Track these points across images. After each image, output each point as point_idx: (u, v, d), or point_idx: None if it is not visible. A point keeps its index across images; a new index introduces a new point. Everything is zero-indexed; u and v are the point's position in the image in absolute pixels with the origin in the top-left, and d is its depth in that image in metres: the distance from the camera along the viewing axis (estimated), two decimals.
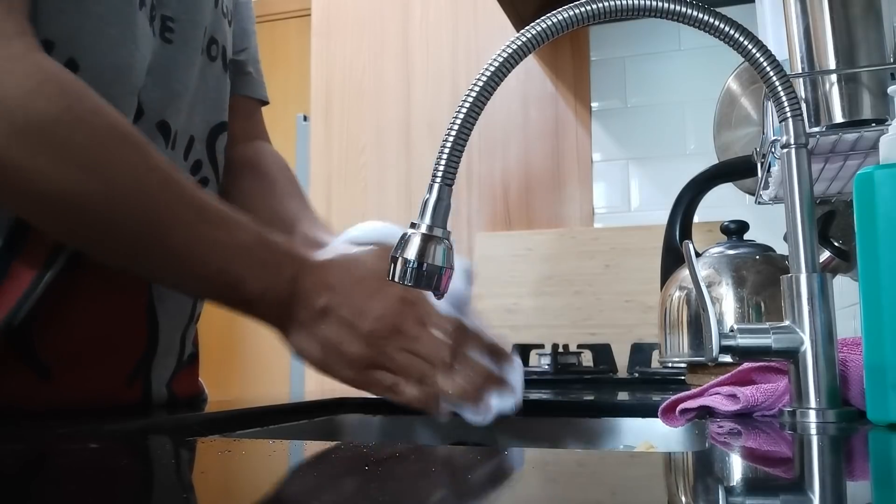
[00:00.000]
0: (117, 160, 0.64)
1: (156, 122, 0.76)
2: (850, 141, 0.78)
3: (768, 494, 0.36)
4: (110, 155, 0.64)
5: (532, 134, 1.79)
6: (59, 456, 0.49)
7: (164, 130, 0.77)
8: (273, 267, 0.70)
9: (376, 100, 1.89)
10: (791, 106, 0.60)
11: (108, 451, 0.51)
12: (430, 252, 0.57)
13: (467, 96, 0.58)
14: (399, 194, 1.85)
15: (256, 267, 0.69)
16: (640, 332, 1.49)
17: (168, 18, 0.77)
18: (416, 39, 1.89)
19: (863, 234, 0.53)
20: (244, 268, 0.69)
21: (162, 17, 0.77)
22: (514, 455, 0.51)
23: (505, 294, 1.66)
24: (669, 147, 1.69)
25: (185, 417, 0.73)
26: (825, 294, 0.58)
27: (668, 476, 0.41)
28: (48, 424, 0.64)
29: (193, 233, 0.67)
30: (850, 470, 0.44)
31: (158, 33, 0.76)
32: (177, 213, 0.66)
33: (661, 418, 0.66)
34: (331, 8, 1.95)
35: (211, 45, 0.83)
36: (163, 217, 0.66)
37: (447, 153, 0.57)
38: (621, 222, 1.69)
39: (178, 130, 0.78)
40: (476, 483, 0.41)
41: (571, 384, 1.19)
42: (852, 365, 0.58)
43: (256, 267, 0.69)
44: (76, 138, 0.62)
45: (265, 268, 0.69)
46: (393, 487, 0.39)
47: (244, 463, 0.46)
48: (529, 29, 0.58)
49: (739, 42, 0.60)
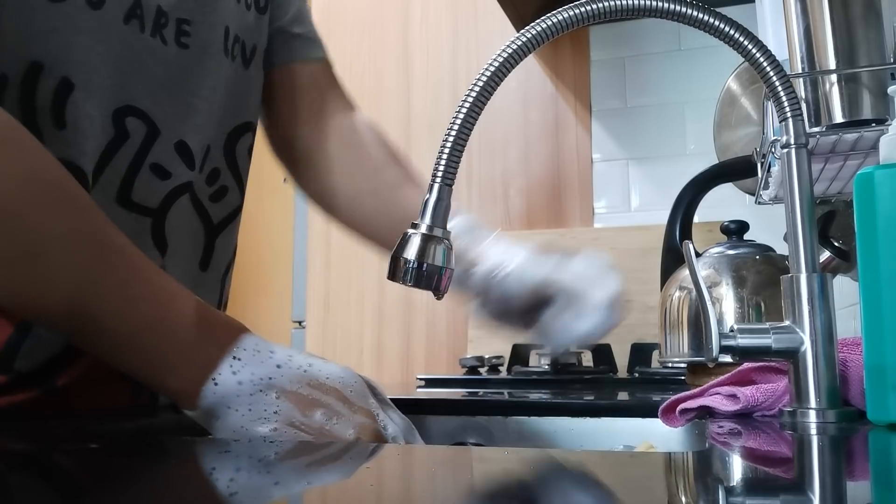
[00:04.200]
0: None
1: (174, 143, 0.73)
2: (850, 141, 0.78)
3: (768, 494, 0.36)
4: (25, 204, 0.57)
5: (532, 134, 1.79)
6: (59, 456, 0.49)
7: (184, 152, 0.75)
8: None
9: (376, 100, 1.89)
10: (791, 106, 0.60)
11: (108, 451, 0.51)
12: (430, 252, 0.57)
13: (467, 96, 0.58)
14: None
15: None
16: (640, 332, 1.49)
17: (183, 21, 0.74)
18: (416, 39, 1.89)
19: (863, 234, 0.53)
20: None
21: (177, 20, 0.74)
22: (514, 455, 0.51)
23: None
24: (669, 147, 1.69)
25: (186, 417, 0.72)
26: (825, 294, 0.58)
27: (668, 476, 0.41)
28: (48, 424, 0.64)
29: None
30: (850, 470, 0.44)
31: (173, 39, 0.73)
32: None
33: (661, 418, 0.66)
34: (331, 8, 1.95)
35: (234, 45, 0.80)
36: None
37: (447, 153, 0.57)
38: (621, 222, 1.69)
39: (195, 149, 0.76)
40: (476, 483, 0.41)
41: (571, 384, 1.19)
42: (852, 365, 0.58)
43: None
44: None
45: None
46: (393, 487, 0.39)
47: (244, 463, 0.46)
48: (529, 29, 0.58)
49: (739, 42, 0.60)
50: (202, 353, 0.60)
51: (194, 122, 0.76)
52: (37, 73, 0.65)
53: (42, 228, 0.58)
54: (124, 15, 0.69)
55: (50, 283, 0.58)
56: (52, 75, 0.65)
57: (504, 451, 0.55)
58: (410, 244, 0.57)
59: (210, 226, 0.81)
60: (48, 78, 0.65)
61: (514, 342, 1.39)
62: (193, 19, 0.75)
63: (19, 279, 0.58)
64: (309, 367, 0.61)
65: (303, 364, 0.61)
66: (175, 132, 0.74)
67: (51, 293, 0.58)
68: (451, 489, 0.39)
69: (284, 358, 0.61)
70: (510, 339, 1.44)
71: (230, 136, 0.82)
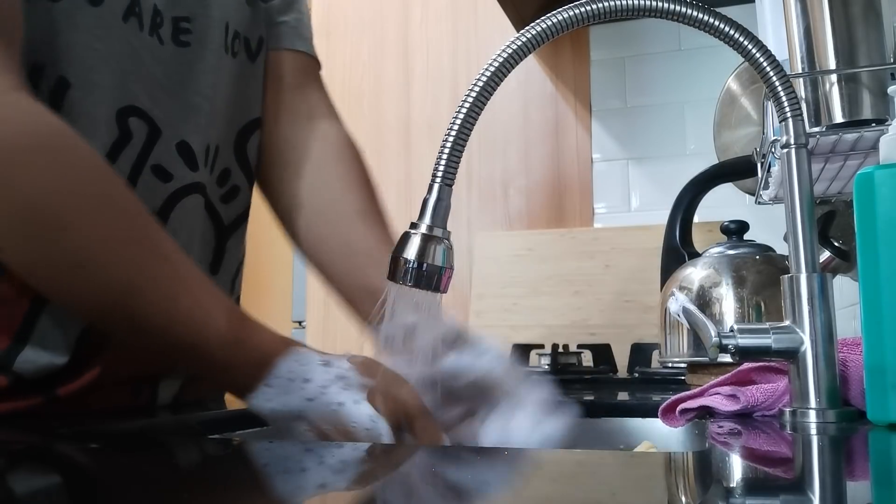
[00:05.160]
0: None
1: (175, 143, 0.73)
2: (850, 141, 0.78)
3: (768, 494, 0.36)
4: (73, 213, 0.58)
5: (532, 134, 1.79)
6: (59, 456, 0.49)
7: (186, 153, 0.74)
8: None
9: (376, 100, 1.89)
10: (791, 106, 0.60)
11: (108, 451, 0.51)
12: (430, 252, 0.57)
13: (467, 96, 0.58)
14: (399, 194, 1.85)
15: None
16: (640, 332, 1.49)
17: (181, 19, 0.73)
18: (416, 39, 1.89)
19: (863, 234, 0.53)
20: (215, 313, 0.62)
21: (173, 19, 0.73)
22: (514, 455, 0.51)
23: (504, 294, 1.66)
24: (669, 147, 1.69)
25: (186, 418, 0.72)
26: (825, 294, 0.58)
27: (668, 476, 0.41)
28: (48, 424, 0.64)
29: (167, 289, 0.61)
30: (850, 470, 0.43)
31: (170, 38, 0.72)
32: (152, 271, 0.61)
33: (661, 418, 0.66)
34: (331, 8, 1.95)
35: (234, 41, 0.78)
36: (133, 275, 0.60)
37: (447, 153, 0.57)
38: (621, 222, 1.69)
39: (198, 149, 0.75)
40: (476, 483, 0.41)
41: (571, 384, 1.19)
42: (852, 365, 0.58)
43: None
44: (41, 194, 0.57)
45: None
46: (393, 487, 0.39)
47: (244, 463, 0.46)
48: (529, 29, 0.58)
49: (739, 42, 0.60)
50: (237, 378, 0.61)
51: (196, 122, 0.75)
52: (39, 73, 0.65)
53: (91, 236, 0.58)
54: (123, 12, 0.68)
55: (97, 290, 0.59)
56: (49, 74, 0.65)
57: (504, 451, 0.55)
58: (410, 244, 0.57)
59: (221, 227, 0.80)
60: (46, 77, 0.65)
61: (513, 342, 1.39)
62: (191, 16, 0.74)
63: (67, 286, 0.59)
64: (339, 407, 0.60)
65: (333, 401, 0.60)
66: (177, 132, 0.73)
67: (98, 300, 0.59)
68: (451, 489, 0.39)
69: (317, 390, 0.60)
70: (510, 339, 1.44)
71: (240, 133, 0.81)
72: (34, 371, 0.67)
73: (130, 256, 0.60)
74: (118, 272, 0.59)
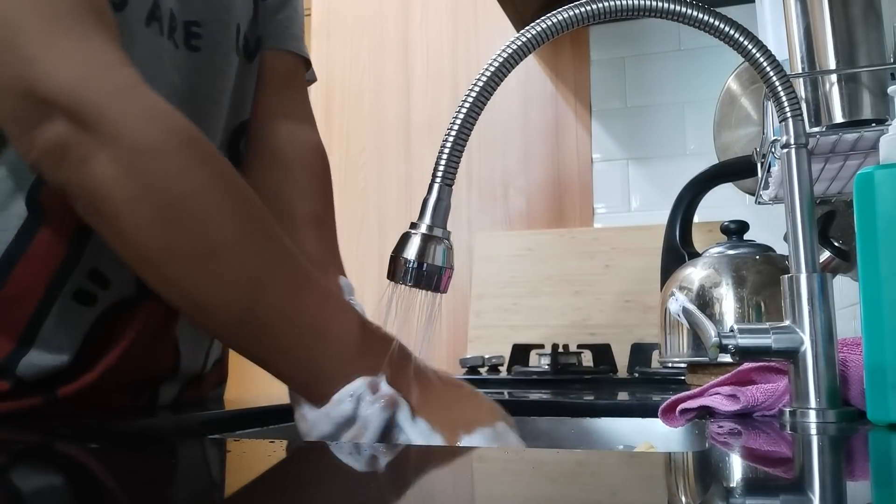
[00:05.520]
0: (215, 211, 0.60)
1: None
2: (850, 141, 0.78)
3: (768, 494, 0.36)
4: (211, 205, 0.59)
5: (532, 134, 1.79)
6: (59, 456, 0.49)
7: None
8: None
9: (376, 100, 1.89)
10: (791, 106, 0.60)
11: (108, 451, 0.51)
12: (430, 252, 0.57)
13: (467, 96, 0.58)
14: (399, 194, 1.85)
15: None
16: (640, 332, 1.49)
17: (193, 23, 0.72)
18: (416, 39, 1.89)
19: (863, 234, 0.53)
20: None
21: (185, 23, 0.72)
22: (513, 455, 0.51)
23: (505, 294, 1.66)
24: (669, 147, 1.69)
25: (186, 417, 0.73)
26: (825, 294, 0.58)
27: (668, 476, 0.41)
28: (48, 424, 0.64)
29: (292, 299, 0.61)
30: (850, 470, 0.43)
31: (183, 42, 0.72)
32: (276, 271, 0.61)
33: (661, 418, 0.66)
34: (331, 8, 1.95)
35: (242, 41, 0.78)
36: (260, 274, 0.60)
37: (447, 153, 0.57)
38: (621, 222, 1.69)
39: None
40: (476, 483, 0.41)
41: (571, 384, 1.19)
42: (852, 365, 0.58)
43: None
44: (182, 185, 0.58)
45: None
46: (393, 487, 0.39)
47: (244, 463, 0.46)
48: (529, 29, 0.58)
49: (739, 42, 0.60)
50: (359, 367, 0.61)
51: (208, 127, 0.74)
52: None
53: (222, 230, 0.59)
54: (146, 16, 0.68)
55: (225, 285, 0.59)
56: None
57: (504, 451, 0.55)
58: (410, 244, 0.57)
59: None
60: None
61: (513, 342, 1.39)
62: (202, 20, 0.73)
63: (196, 279, 0.59)
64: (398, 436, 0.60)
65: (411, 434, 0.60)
66: None
67: (224, 295, 0.59)
68: (451, 490, 0.39)
69: (372, 435, 0.59)
70: (510, 339, 1.44)
71: (234, 133, 0.80)
72: (35, 374, 0.67)
73: (259, 252, 0.60)
74: (247, 266, 0.59)
